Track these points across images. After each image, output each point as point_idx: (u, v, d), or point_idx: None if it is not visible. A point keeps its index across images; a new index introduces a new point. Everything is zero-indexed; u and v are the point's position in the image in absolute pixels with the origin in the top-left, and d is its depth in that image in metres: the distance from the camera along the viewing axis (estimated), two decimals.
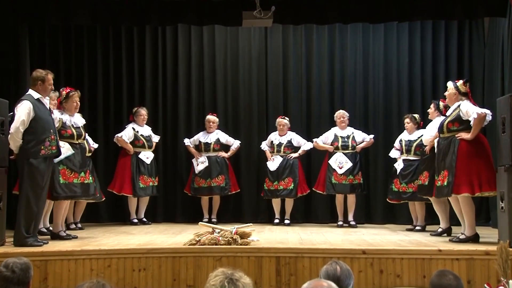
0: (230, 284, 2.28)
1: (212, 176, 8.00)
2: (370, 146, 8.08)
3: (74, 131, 6.10)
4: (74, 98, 6.23)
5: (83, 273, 4.89)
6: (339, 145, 7.74)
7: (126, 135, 7.89)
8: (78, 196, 6.18)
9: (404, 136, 7.42)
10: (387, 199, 7.65)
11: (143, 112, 8.06)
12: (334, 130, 7.89)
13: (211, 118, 8.21)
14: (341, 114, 7.86)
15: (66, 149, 5.91)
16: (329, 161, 7.74)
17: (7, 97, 5.86)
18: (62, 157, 5.82)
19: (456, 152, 5.57)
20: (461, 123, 5.66)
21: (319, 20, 7.28)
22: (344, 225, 7.72)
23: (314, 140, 7.98)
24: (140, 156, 7.90)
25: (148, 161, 7.92)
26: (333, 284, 2.42)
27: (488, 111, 5.61)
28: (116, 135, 7.94)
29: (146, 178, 7.86)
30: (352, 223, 7.70)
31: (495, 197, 5.60)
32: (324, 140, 7.90)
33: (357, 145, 7.74)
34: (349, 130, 7.84)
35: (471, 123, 5.54)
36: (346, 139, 7.74)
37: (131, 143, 7.90)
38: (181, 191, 8.33)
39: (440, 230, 6.52)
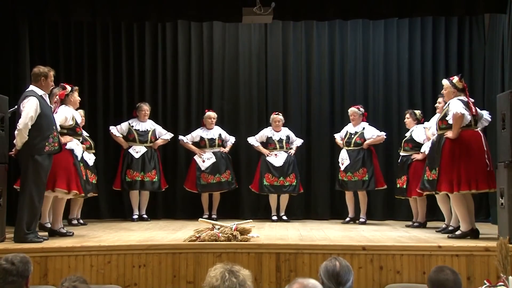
0: (230, 275, 2.30)
1: (221, 172, 8.00)
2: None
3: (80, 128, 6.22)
4: (76, 92, 6.32)
5: (83, 269, 4.89)
6: (344, 141, 7.76)
7: (118, 129, 8.04)
8: (90, 192, 6.43)
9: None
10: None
11: (145, 107, 8.09)
12: (348, 126, 7.89)
13: (212, 114, 8.21)
14: (351, 112, 7.80)
15: (81, 147, 6.11)
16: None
17: (7, 93, 5.85)
18: (81, 154, 6.07)
19: (440, 151, 5.65)
20: (448, 121, 5.68)
21: (319, 16, 7.27)
22: (351, 222, 7.71)
23: (335, 135, 8.06)
24: (130, 150, 7.96)
25: (136, 156, 7.92)
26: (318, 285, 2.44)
27: (466, 112, 5.61)
28: (110, 127, 8.07)
29: (132, 172, 7.88)
30: (361, 220, 7.66)
31: (495, 194, 5.61)
32: (342, 135, 7.94)
33: (364, 141, 7.70)
34: (360, 127, 7.75)
35: (449, 121, 5.61)
36: (352, 136, 7.71)
37: (125, 137, 8.01)
38: (181, 187, 8.32)
39: (451, 228, 6.39)
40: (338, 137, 7.97)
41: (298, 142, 8.12)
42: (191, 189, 8.15)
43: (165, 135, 8.21)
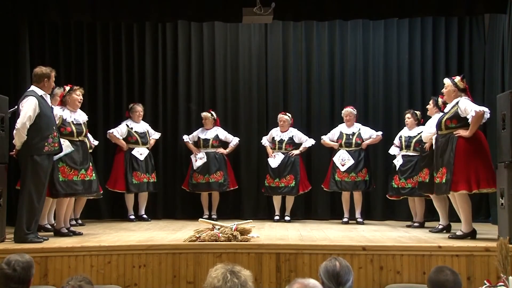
0: (232, 275, 2.29)
1: (210, 172, 7.99)
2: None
3: (74, 128, 6.07)
4: (77, 92, 6.24)
5: (83, 269, 4.89)
6: (343, 142, 7.74)
7: (118, 131, 7.96)
8: (79, 193, 6.15)
9: (404, 132, 7.45)
10: (387, 196, 7.67)
11: (139, 108, 8.07)
12: (341, 127, 7.89)
13: (207, 114, 8.19)
14: (347, 112, 7.83)
15: (65, 147, 5.89)
16: (333, 158, 7.76)
17: (7, 93, 5.85)
18: (61, 154, 5.79)
19: (454, 150, 5.56)
20: (459, 120, 5.65)
21: (319, 16, 7.26)
22: (350, 222, 7.69)
23: (322, 137, 8.00)
24: (133, 152, 7.93)
25: (141, 158, 7.91)
26: (318, 285, 2.44)
27: (486, 109, 5.61)
28: (108, 131, 8.00)
29: (139, 174, 7.87)
30: (359, 220, 7.67)
31: (495, 194, 5.60)
32: (331, 137, 7.92)
33: (362, 142, 7.71)
34: (356, 127, 7.80)
35: (469, 120, 5.54)
36: (350, 137, 7.72)
37: (125, 139, 7.95)
38: (181, 187, 8.33)
39: (440, 227, 6.52)
40: (327, 138, 7.94)
41: (308, 142, 8.06)
42: (185, 187, 8.21)
43: (154, 135, 8.24)
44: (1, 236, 5.43)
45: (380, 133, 7.84)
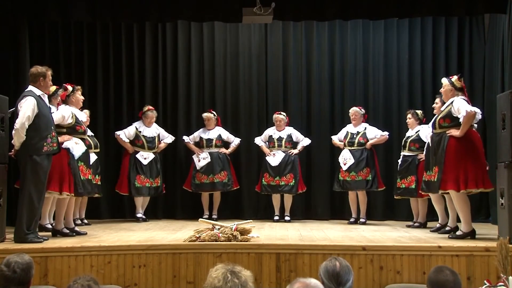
0: (232, 275, 2.29)
1: (214, 172, 8.00)
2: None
3: (84, 126, 6.16)
4: (79, 92, 6.29)
5: (83, 269, 4.89)
6: (346, 141, 7.74)
7: (126, 133, 7.95)
8: (91, 192, 6.31)
9: (408, 132, 7.46)
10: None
11: (151, 114, 8.03)
12: (348, 127, 7.89)
13: (209, 115, 8.20)
14: (353, 111, 7.81)
15: (81, 146, 5.98)
16: (338, 158, 7.77)
17: (6, 93, 5.85)
18: (80, 153, 5.90)
19: (445, 149, 5.60)
20: (452, 119, 5.67)
21: (319, 16, 7.26)
22: (358, 222, 7.68)
23: (332, 136, 8.04)
24: (138, 156, 7.91)
25: (145, 162, 7.89)
26: (319, 284, 2.44)
27: (477, 110, 5.63)
28: (116, 132, 7.98)
29: (143, 178, 7.85)
30: (362, 220, 7.66)
31: (495, 194, 5.60)
32: (340, 136, 7.93)
33: (367, 142, 7.69)
34: (362, 127, 7.76)
35: (460, 120, 5.56)
36: (354, 136, 7.71)
37: (132, 142, 7.94)
38: (181, 187, 8.33)
39: (448, 228, 6.39)
40: (336, 138, 7.96)
41: (305, 142, 8.10)
42: (187, 188, 8.20)
43: (167, 139, 8.21)
44: (1, 236, 5.43)
45: (386, 133, 7.78)
